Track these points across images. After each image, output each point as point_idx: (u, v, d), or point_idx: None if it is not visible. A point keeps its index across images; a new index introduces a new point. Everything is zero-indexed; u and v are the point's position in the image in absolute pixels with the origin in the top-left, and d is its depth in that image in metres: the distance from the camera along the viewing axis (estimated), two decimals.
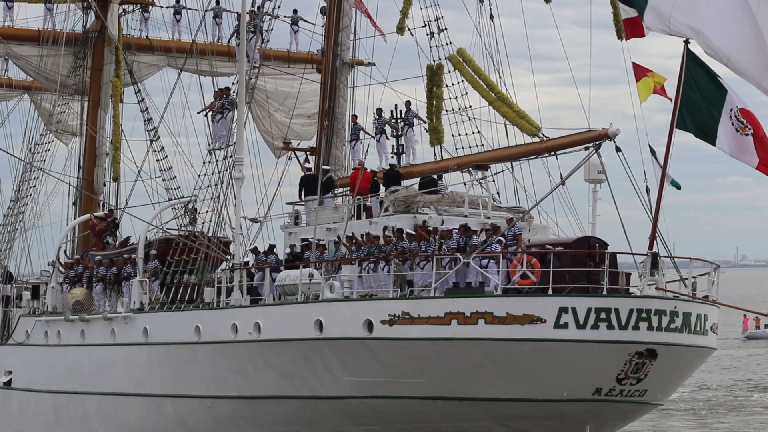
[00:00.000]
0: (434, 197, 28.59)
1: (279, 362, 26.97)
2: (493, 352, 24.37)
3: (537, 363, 24.29)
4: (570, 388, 24.50)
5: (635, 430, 32.81)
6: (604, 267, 24.43)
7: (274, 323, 27.05)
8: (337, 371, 26.06)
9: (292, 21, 42.63)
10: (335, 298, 26.22)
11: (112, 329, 31.53)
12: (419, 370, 25.04)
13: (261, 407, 27.81)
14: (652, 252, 24.32)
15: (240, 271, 28.47)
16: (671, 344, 24.47)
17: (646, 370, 24.54)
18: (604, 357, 24.21)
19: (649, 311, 24.15)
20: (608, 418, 25.48)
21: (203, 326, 28.63)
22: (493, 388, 24.77)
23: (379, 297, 25.91)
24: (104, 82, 41.19)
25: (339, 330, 25.78)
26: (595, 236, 26.38)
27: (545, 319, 24.04)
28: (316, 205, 30.26)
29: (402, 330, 24.97)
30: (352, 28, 32.10)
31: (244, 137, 29.15)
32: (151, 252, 31.65)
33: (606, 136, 25.86)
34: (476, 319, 24.38)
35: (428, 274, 25.47)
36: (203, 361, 28.69)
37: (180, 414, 29.63)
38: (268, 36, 40.56)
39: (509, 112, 27.57)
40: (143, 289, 31.18)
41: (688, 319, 24.73)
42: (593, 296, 24.21)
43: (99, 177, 41.18)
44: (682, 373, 26.30)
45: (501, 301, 24.38)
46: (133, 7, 42.43)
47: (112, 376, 31.52)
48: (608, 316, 24.03)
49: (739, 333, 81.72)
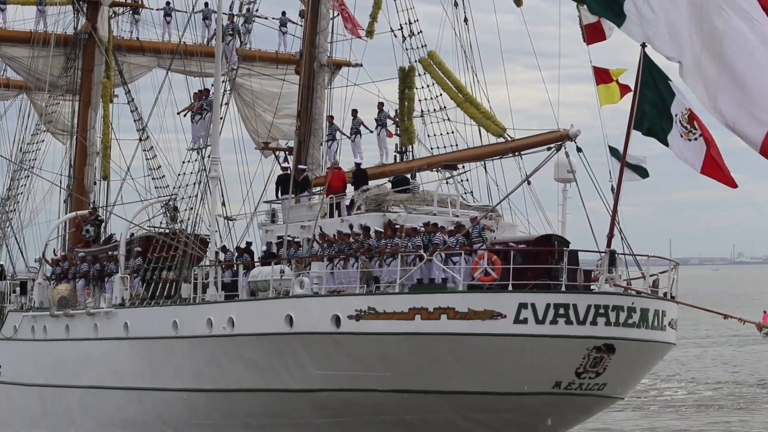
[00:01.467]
0: (404, 196, 29.34)
1: (252, 356, 27.72)
2: (455, 346, 25.08)
3: (498, 357, 25.00)
4: (530, 382, 25.21)
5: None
6: (563, 264, 25.13)
7: (247, 318, 27.81)
8: (307, 365, 26.80)
9: (281, 23, 43.46)
10: (305, 294, 26.98)
11: (95, 324, 32.36)
12: (385, 364, 25.78)
13: (235, 400, 28.56)
14: (610, 249, 25.04)
15: (215, 267, 29.26)
16: (629, 339, 25.16)
17: (604, 365, 25.23)
18: (563, 351, 24.91)
19: (607, 307, 24.84)
20: (569, 411, 26.17)
21: (180, 321, 29.41)
22: (455, 381, 25.48)
23: (346, 293, 26.68)
24: (95, 82, 42.06)
25: (308, 325, 26.53)
26: (557, 234, 27.10)
27: (505, 315, 24.76)
28: (291, 203, 30.99)
29: (368, 325, 25.71)
30: (330, 30, 32.78)
31: (219, 137, 29.90)
32: (134, 249, 32.46)
33: (567, 137, 26.58)
34: (439, 314, 25.10)
35: (394, 271, 26.23)
36: (180, 355, 29.46)
37: (158, 407, 30.41)
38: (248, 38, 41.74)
39: (476, 114, 28.34)
40: (124, 285, 32.00)
41: (646, 315, 25.41)
42: (552, 292, 24.93)
43: (89, 176, 42.06)
44: (642, 368, 26.99)
45: (463, 297, 25.11)
46: (124, 9, 43.31)
47: (94, 369, 32.35)
48: (567, 311, 24.72)
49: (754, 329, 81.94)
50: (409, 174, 31.10)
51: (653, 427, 38.84)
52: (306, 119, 32.22)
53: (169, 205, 32.68)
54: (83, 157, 42.17)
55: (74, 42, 42.14)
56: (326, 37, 32.60)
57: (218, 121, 30.09)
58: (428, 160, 29.73)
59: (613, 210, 25.09)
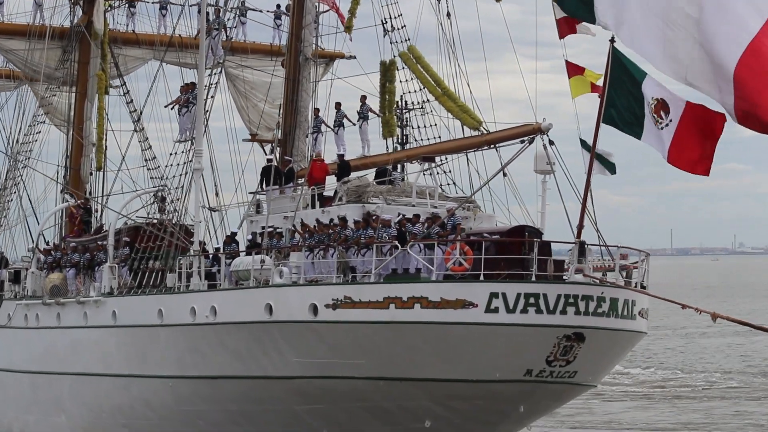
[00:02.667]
0: (384, 187, 29.92)
1: (233, 344, 28.33)
2: (428, 334, 25.64)
3: (469, 345, 25.55)
4: (502, 370, 25.75)
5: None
6: (533, 254, 25.68)
7: (229, 307, 28.43)
8: (286, 352, 27.40)
9: (275, 15, 44.09)
10: (284, 283, 27.58)
11: (85, 312, 33.04)
12: (360, 352, 26.35)
13: (218, 387, 29.16)
14: (580, 240, 25.56)
15: (199, 257, 29.90)
16: (598, 328, 25.68)
17: (574, 353, 25.76)
18: (534, 340, 25.44)
19: (576, 296, 25.36)
20: (541, 398, 26.72)
21: (165, 310, 30.05)
22: (429, 369, 26.06)
23: (323, 282, 27.29)
24: (91, 75, 42.71)
25: (287, 313, 27.13)
26: (529, 225, 27.65)
27: (477, 304, 25.31)
28: (275, 194, 31.62)
29: (344, 314, 26.28)
30: (320, 23, 33.35)
31: (203, 130, 30.53)
32: (122, 239, 33.12)
33: (539, 130, 27.12)
34: (412, 303, 25.66)
35: (369, 261, 26.83)
36: (165, 342, 30.10)
37: (145, 394, 31.05)
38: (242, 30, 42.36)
39: (453, 107, 28.91)
40: (113, 275, 32.67)
41: (615, 304, 25.92)
42: (522, 282, 25.49)
43: (85, 166, 42.74)
44: (612, 356, 27.52)
45: (435, 286, 25.69)
46: (120, 2, 43.92)
47: (83, 357, 33.02)
48: (537, 301, 25.25)
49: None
50: (391, 166, 31.69)
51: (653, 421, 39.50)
52: (291, 112, 32.76)
53: (158, 195, 33.29)
54: (79, 148, 42.82)
55: (71, 35, 42.76)
56: (311, 31, 33.13)
57: (202, 114, 30.65)
58: (407, 153, 30.34)
59: (583, 201, 25.56)
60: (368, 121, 32.35)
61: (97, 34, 42.20)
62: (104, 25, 42.47)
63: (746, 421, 38.89)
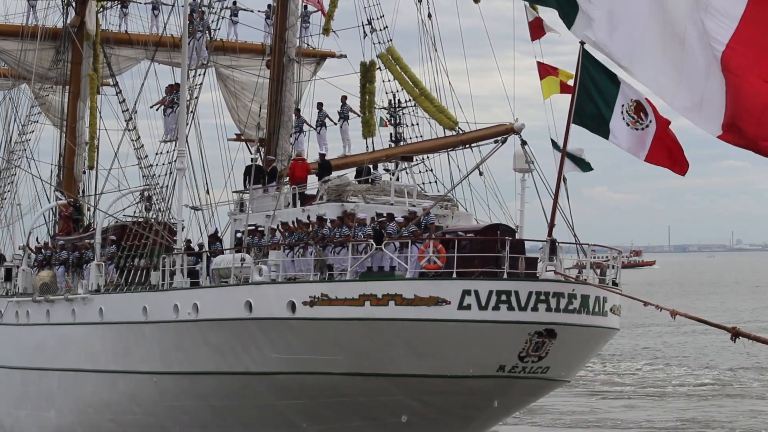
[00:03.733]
0: (364, 186, 30.46)
1: (215, 340, 28.87)
2: (403, 331, 26.15)
3: (443, 341, 26.04)
4: (475, 365, 26.24)
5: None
6: (505, 252, 26.18)
7: (210, 304, 28.99)
8: (266, 349, 27.93)
9: (267, 15, 44.59)
10: (263, 281, 28.13)
11: (73, 309, 33.61)
12: (337, 348, 26.88)
13: (201, 382, 29.71)
14: (551, 239, 26.06)
15: (182, 255, 30.46)
16: (569, 324, 26.18)
17: (546, 349, 26.24)
18: (506, 336, 25.93)
19: (548, 293, 25.84)
20: (515, 393, 27.20)
21: (150, 307, 30.61)
22: (404, 365, 26.55)
23: (301, 280, 27.84)
24: (83, 75, 43.29)
25: (266, 310, 27.66)
26: (503, 224, 28.15)
27: (450, 301, 25.80)
28: (258, 193, 32.17)
29: (321, 311, 26.80)
30: (298, 25, 33.89)
31: (185, 131, 31.09)
32: (109, 237, 33.71)
33: (512, 130, 27.63)
34: (387, 300, 26.17)
35: (345, 259, 27.36)
36: (150, 339, 30.65)
37: (130, 389, 31.62)
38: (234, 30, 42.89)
39: (430, 107, 29.44)
40: (100, 272, 33.26)
41: (587, 301, 26.38)
42: (494, 279, 25.99)
43: (78, 165, 43.33)
44: (585, 352, 27.99)
45: (409, 284, 26.20)
46: (112, 3, 44.48)
47: (72, 353, 33.60)
48: (508, 298, 25.73)
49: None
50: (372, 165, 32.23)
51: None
52: (275, 112, 33.29)
53: (144, 195, 33.85)
54: (73, 147, 43.39)
55: (63, 35, 43.34)
56: (295, 32, 33.65)
57: (185, 115, 31.21)
58: (386, 152, 30.84)
59: (554, 200, 26.05)
60: (349, 121, 32.92)
61: (89, 34, 42.78)
62: (96, 26, 43.07)
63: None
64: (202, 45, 34.26)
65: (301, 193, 31.45)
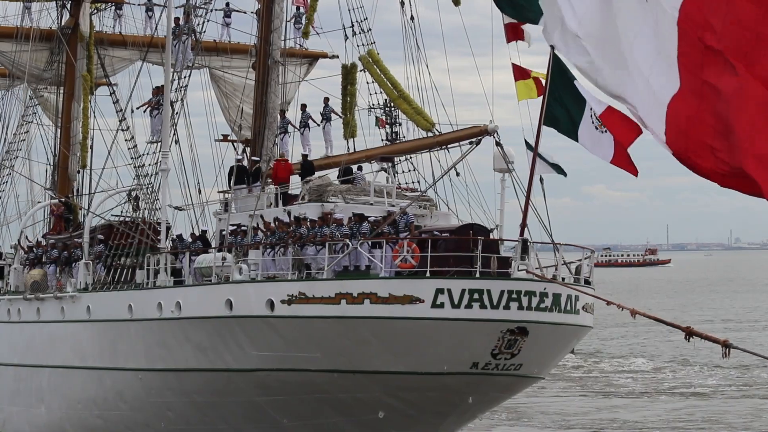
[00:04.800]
0: (344, 186, 31.00)
1: (197, 338, 29.44)
2: (378, 329, 26.68)
3: (417, 339, 26.56)
4: (449, 362, 26.73)
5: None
6: (477, 252, 26.69)
7: (192, 302, 29.57)
8: (246, 346, 28.48)
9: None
10: (243, 279, 28.70)
11: (62, 307, 34.24)
12: (315, 346, 27.42)
13: (184, 379, 30.27)
14: (523, 238, 26.55)
15: (165, 254, 31.06)
16: (541, 322, 26.68)
17: (518, 346, 26.73)
18: (478, 334, 26.42)
19: (519, 292, 26.33)
20: (489, 389, 27.70)
21: (135, 305, 31.21)
22: (380, 362, 27.07)
23: (279, 279, 28.41)
24: (77, 75, 43.91)
25: (245, 309, 28.21)
26: (477, 224, 28.67)
27: (423, 300, 26.31)
28: (243, 193, 32.77)
29: (299, 309, 27.35)
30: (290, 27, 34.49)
31: (168, 132, 31.71)
32: (97, 237, 34.33)
33: (486, 131, 28.16)
34: (362, 299, 26.69)
35: (323, 258, 27.91)
36: (135, 336, 31.25)
37: (117, 386, 32.22)
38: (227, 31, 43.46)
39: (408, 109, 29.97)
40: (88, 271, 33.89)
41: (558, 300, 26.86)
42: (467, 278, 26.52)
43: (73, 165, 43.99)
44: (558, 349, 28.46)
45: (384, 282, 26.72)
46: (106, 5, 45.11)
47: (61, 350, 34.23)
48: (481, 296, 26.22)
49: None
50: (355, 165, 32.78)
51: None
52: (260, 113, 33.86)
53: (131, 194, 34.46)
54: (67, 147, 44.04)
55: (58, 36, 43.98)
56: (279, 34, 34.19)
57: (168, 117, 31.81)
58: (366, 153, 31.38)
59: (526, 200, 26.52)
60: (331, 122, 33.49)
61: (83, 36, 43.39)
62: (90, 27, 43.70)
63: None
64: (188, 47, 34.81)
65: (285, 193, 31.98)
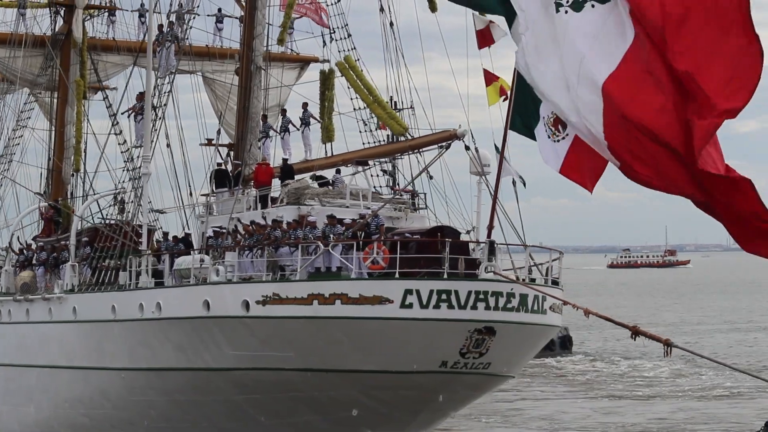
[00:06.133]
0: (321, 189, 31.74)
1: (176, 338, 30.17)
2: (349, 329, 27.37)
3: (387, 339, 27.23)
4: (419, 361, 27.38)
5: None
6: (445, 253, 27.37)
7: (172, 303, 30.32)
8: (223, 345, 29.19)
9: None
10: (219, 281, 29.45)
11: (50, 308, 35.04)
12: (289, 345, 28.11)
13: (165, 378, 30.98)
14: (489, 240, 27.22)
15: (147, 257, 31.82)
16: (508, 322, 27.34)
17: (486, 345, 27.37)
18: (446, 333, 27.08)
19: (486, 292, 26.98)
20: (459, 388, 28.35)
21: (118, 306, 31.97)
22: (351, 361, 27.76)
23: (255, 280, 29.13)
24: (71, 81, 44.69)
25: (222, 309, 28.93)
26: (448, 226, 29.36)
27: (392, 300, 27.01)
28: (225, 196, 33.54)
29: (273, 309, 28.06)
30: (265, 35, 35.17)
31: (150, 138, 32.47)
32: (83, 239, 35.12)
33: (455, 136, 28.87)
34: (334, 299, 27.40)
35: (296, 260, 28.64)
36: (118, 336, 32.00)
37: (102, 385, 32.97)
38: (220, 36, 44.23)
39: (382, 114, 30.72)
40: (74, 273, 34.68)
41: (525, 300, 27.50)
42: (435, 279, 27.19)
43: (67, 168, 44.78)
44: (527, 348, 29.11)
45: (354, 283, 27.43)
46: (99, 11, 45.89)
47: (49, 350, 35.00)
48: (449, 297, 26.88)
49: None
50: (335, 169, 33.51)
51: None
52: (242, 118, 34.60)
53: (117, 198, 35.25)
54: (61, 150, 44.85)
55: (52, 43, 44.79)
56: (261, 40, 34.92)
57: (149, 122, 32.57)
58: (343, 157, 32.12)
59: (492, 203, 27.19)
60: (310, 127, 34.24)
61: (76, 42, 44.16)
62: (83, 34, 44.41)
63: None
64: (171, 53, 35.56)
65: (265, 196, 32.70)
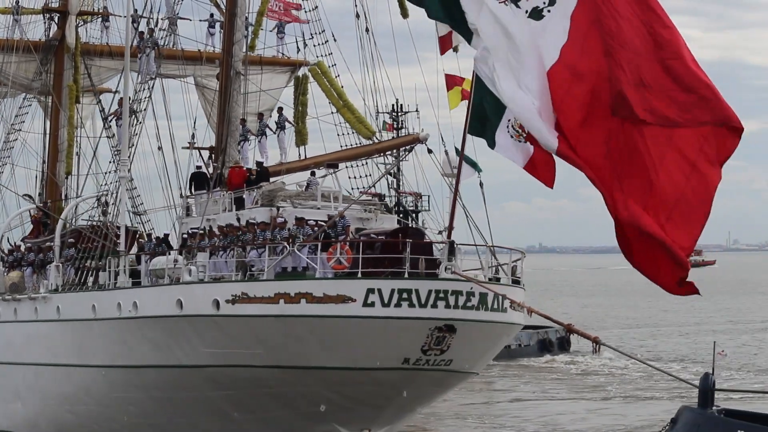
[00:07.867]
0: (293, 191, 32.61)
1: (152, 336, 31.09)
2: (313, 327, 28.23)
3: (350, 336, 28.09)
4: (381, 358, 28.21)
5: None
6: (406, 253, 28.19)
7: (148, 302, 31.26)
8: (196, 343, 30.09)
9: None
10: (192, 280, 30.39)
11: (35, 308, 36.05)
12: (257, 343, 29.00)
13: (143, 375, 31.92)
14: (450, 240, 28.03)
15: (124, 257, 32.80)
16: (468, 320, 28.15)
17: (447, 343, 28.18)
18: (408, 331, 27.90)
19: (446, 291, 27.79)
20: (422, 383, 29.14)
21: (98, 305, 32.95)
22: (317, 358, 28.65)
23: (225, 280, 30.06)
24: (64, 85, 45.73)
25: (194, 308, 29.84)
26: (412, 226, 30.23)
27: (355, 299, 27.88)
28: (202, 198, 34.48)
29: (241, 308, 28.97)
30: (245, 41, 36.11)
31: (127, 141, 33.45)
32: (68, 240, 36.12)
33: (418, 140, 29.73)
34: (299, 298, 28.30)
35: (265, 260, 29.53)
36: (98, 335, 32.98)
37: (84, 382, 33.94)
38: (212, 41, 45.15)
39: (351, 118, 31.64)
40: (58, 273, 35.69)
41: (485, 299, 28.25)
42: (397, 279, 28.04)
43: (60, 171, 45.82)
44: (488, 345, 29.87)
45: (319, 283, 28.32)
46: (93, 17, 46.91)
47: (35, 349, 36.00)
48: (409, 296, 27.71)
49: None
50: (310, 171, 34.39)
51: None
52: (223, 122, 35.52)
53: (101, 200, 36.23)
54: (55, 154, 45.89)
55: (46, 48, 45.83)
56: (241, 46, 35.83)
57: (127, 127, 33.55)
58: (314, 160, 33.03)
59: (452, 204, 28.02)
60: (285, 131, 35.17)
61: (69, 47, 45.18)
62: (76, 39, 45.43)
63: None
64: (151, 59, 36.51)
65: (240, 198, 33.60)
